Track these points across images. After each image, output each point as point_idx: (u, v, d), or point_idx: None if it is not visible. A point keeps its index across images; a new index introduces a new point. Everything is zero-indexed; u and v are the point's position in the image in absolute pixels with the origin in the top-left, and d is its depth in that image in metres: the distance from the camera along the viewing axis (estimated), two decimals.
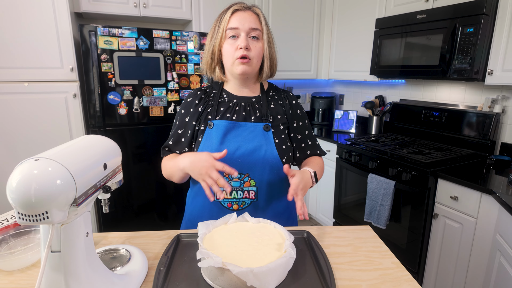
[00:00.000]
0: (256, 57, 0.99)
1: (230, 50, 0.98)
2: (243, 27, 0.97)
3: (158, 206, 2.36)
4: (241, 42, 0.96)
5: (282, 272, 0.71)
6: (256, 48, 0.99)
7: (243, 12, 0.99)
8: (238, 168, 0.98)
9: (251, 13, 0.99)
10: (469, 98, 2.21)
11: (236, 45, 0.97)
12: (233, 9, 0.99)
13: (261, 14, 1.02)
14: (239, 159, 0.99)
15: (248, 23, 0.97)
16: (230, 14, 0.98)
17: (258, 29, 0.99)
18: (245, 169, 1.00)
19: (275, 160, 1.01)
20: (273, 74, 1.08)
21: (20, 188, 0.50)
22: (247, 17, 0.98)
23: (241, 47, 0.96)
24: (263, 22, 1.01)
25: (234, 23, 0.97)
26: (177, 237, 0.91)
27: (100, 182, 0.63)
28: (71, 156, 0.57)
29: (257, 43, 0.99)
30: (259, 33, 0.99)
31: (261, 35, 1.00)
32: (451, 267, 1.77)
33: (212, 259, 0.68)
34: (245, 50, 0.96)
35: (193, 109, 1.06)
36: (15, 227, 0.88)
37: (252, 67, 1.00)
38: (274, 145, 1.01)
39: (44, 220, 0.51)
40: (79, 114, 2.13)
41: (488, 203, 1.55)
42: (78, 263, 0.59)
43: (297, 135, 1.10)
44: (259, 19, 1.00)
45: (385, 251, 0.88)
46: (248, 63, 0.98)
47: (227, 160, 0.99)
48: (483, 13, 1.72)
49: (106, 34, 1.96)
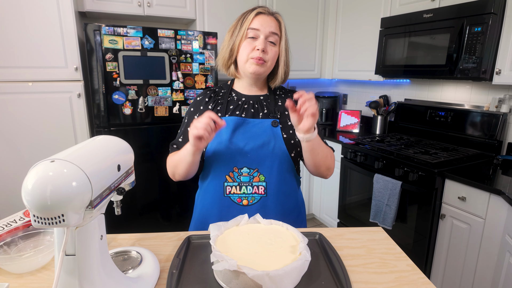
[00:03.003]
0: (271, 60, 1.03)
1: (247, 48, 1.00)
2: (264, 30, 0.99)
3: (162, 206, 2.34)
4: (259, 44, 0.99)
5: (297, 275, 0.70)
6: (272, 51, 1.02)
7: (266, 16, 1.01)
8: (248, 163, 1.00)
9: (273, 19, 1.02)
10: (475, 97, 2.19)
11: (253, 45, 1.00)
12: (257, 11, 1.01)
13: (282, 22, 1.04)
14: (248, 154, 1.00)
15: (269, 27, 1.00)
16: (254, 15, 1.01)
17: (277, 34, 1.02)
18: (255, 164, 1.01)
19: (283, 155, 1.02)
20: (285, 80, 1.12)
21: (36, 191, 0.48)
22: (269, 21, 1.01)
23: (258, 49, 0.98)
24: (283, 30, 1.04)
25: (256, 24, 1.00)
26: (187, 239, 0.90)
27: (114, 184, 0.62)
28: (85, 158, 0.56)
29: (274, 48, 1.02)
30: (277, 38, 1.02)
31: (279, 41, 1.03)
32: (459, 269, 1.76)
33: (226, 262, 0.67)
34: (261, 53, 0.99)
35: (203, 107, 1.09)
36: (24, 228, 0.87)
37: (265, 68, 1.02)
38: (282, 140, 1.02)
39: (60, 223, 0.50)
40: (83, 114, 2.11)
41: (497, 203, 1.54)
42: (92, 266, 0.58)
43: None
44: (280, 26, 1.03)
45: (399, 253, 0.87)
46: (262, 64, 1.00)
47: (237, 155, 1.00)
48: (491, 12, 1.71)
49: (111, 33, 1.95)
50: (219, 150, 1.01)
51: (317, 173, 1.07)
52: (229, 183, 1.02)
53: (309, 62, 3.10)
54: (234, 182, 1.01)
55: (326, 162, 1.03)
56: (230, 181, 1.01)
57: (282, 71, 1.07)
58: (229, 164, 1.01)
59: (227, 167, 1.01)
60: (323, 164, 1.03)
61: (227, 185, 1.02)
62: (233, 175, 1.01)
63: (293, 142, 1.04)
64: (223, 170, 1.02)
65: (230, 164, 1.01)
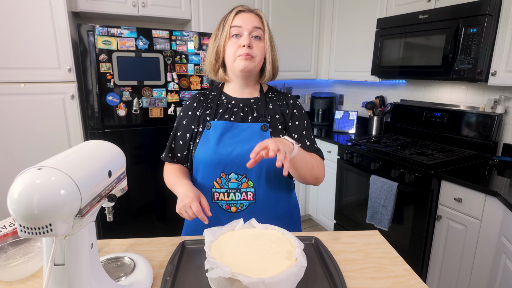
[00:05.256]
0: (259, 55, 1.01)
1: (233, 48, 0.99)
2: (246, 26, 0.98)
3: (157, 208, 2.32)
4: (244, 40, 0.98)
5: (293, 281, 0.69)
6: (258, 47, 1.00)
7: (246, 13, 1.01)
8: (235, 168, 0.98)
9: (254, 15, 1.02)
10: (471, 98, 2.20)
11: (238, 43, 0.98)
12: (237, 10, 1.02)
13: (263, 16, 1.04)
14: (236, 160, 0.98)
15: (251, 22, 0.99)
16: (234, 14, 1.01)
17: (261, 28, 1.01)
18: (242, 170, 0.99)
19: (272, 160, 0.98)
20: (275, 76, 1.10)
21: (22, 199, 0.47)
22: (250, 18, 1.00)
23: (244, 45, 0.97)
24: (265, 24, 1.03)
25: (238, 21, 0.99)
26: (182, 244, 0.88)
27: (105, 191, 0.60)
28: (74, 164, 0.54)
29: (260, 43, 1.01)
30: (261, 32, 1.01)
31: (263, 35, 1.02)
32: (455, 270, 1.76)
33: (221, 269, 0.66)
34: (247, 48, 0.97)
35: (191, 112, 1.07)
36: (13, 235, 0.85)
37: (254, 64, 1.00)
38: None
39: (47, 232, 0.48)
40: (77, 115, 2.09)
41: (493, 205, 1.54)
42: (82, 276, 0.56)
43: (292, 134, 1.06)
44: (262, 21, 1.03)
45: (395, 257, 0.86)
46: (250, 59, 0.98)
47: (224, 160, 0.98)
48: (487, 13, 1.71)
49: (105, 34, 1.92)
50: (206, 155, 0.99)
51: (305, 183, 1.03)
52: (217, 189, 1.00)
53: (305, 62, 3.09)
54: (222, 188, 0.99)
55: (313, 173, 0.99)
56: (218, 187, 0.99)
57: (270, 66, 1.05)
58: (216, 170, 0.98)
59: (214, 172, 0.99)
60: (309, 176, 0.99)
61: (214, 191, 1.00)
62: (221, 181, 0.99)
63: None
64: (210, 176, 0.99)
65: (217, 169, 0.98)
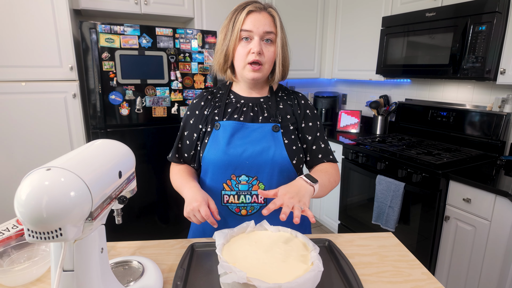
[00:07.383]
0: (268, 62, 0.96)
1: (243, 53, 0.94)
2: (257, 31, 0.92)
3: (159, 208, 2.29)
4: (254, 46, 0.92)
5: (310, 286, 0.66)
6: (269, 52, 0.95)
7: (258, 14, 0.93)
8: (246, 170, 0.95)
9: (266, 15, 0.94)
10: (477, 97, 2.17)
11: (248, 48, 0.93)
12: (248, 9, 0.93)
13: (276, 16, 0.96)
14: (247, 161, 0.95)
15: (262, 26, 0.92)
16: (245, 15, 0.93)
17: (273, 32, 0.94)
18: (253, 172, 0.95)
19: (284, 161, 0.96)
20: (284, 77, 1.04)
21: (30, 202, 0.44)
22: (261, 20, 0.93)
23: (254, 52, 0.92)
24: (278, 25, 0.96)
25: (248, 25, 0.92)
26: (191, 247, 0.86)
27: (115, 192, 0.58)
28: (84, 164, 0.51)
29: (270, 47, 0.95)
30: (273, 36, 0.95)
31: (275, 38, 0.96)
32: (463, 271, 1.73)
33: (235, 274, 0.63)
34: (257, 55, 0.92)
35: (198, 111, 1.03)
36: (17, 237, 0.82)
37: (263, 73, 0.96)
38: (283, 146, 0.96)
39: (57, 237, 0.45)
40: (79, 114, 2.06)
41: (504, 205, 1.51)
42: (92, 282, 0.53)
43: (306, 136, 1.03)
44: (274, 22, 0.96)
45: (412, 260, 0.83)
46: (259, 70, 0.94)
47: (235, 162, 0.95)
48: (496, 10, 1.68)
49: (107, 32, 1.89)
50: (215, 156, 0.95)
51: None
52: (227, 191, 0.96)
53: (308, 61, 3.06)
54: (232, 191, 0.96)
55: (331, 187, 0.99)
56: (228, 189, 0.96)
57: (280, 68, 1.00)
58: (227, 172, 0.95)
59: (224, 174, 0.96)
60: (329, 191, 1.00)
61: (224, 193, 0.97)
62: (231, 183, 0.96)
63: (295, 148, 0.99)
64: (220, 178, 0.96)
65: (227, 171, 0.95)
